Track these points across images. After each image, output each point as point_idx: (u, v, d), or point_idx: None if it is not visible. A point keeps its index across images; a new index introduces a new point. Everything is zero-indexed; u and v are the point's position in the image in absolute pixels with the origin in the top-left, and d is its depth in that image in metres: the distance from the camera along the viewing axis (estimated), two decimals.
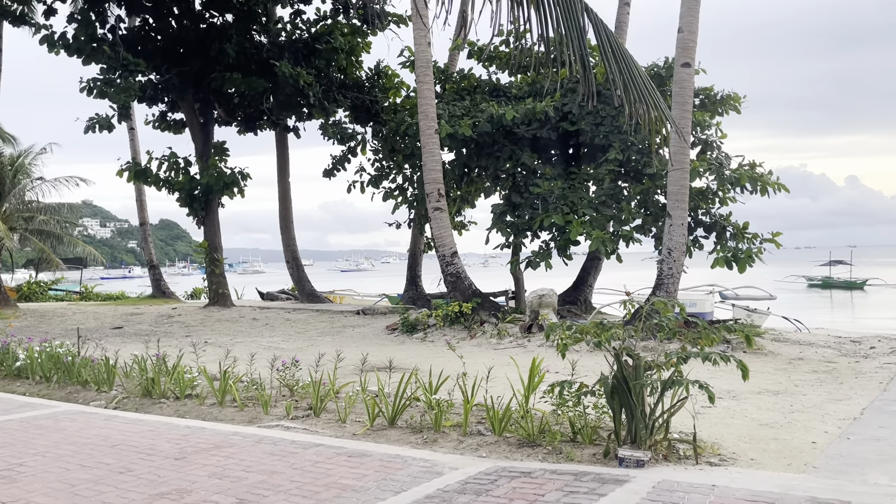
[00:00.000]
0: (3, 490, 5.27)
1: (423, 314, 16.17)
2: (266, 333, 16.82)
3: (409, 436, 6.80)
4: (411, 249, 23.51)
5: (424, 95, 16.81)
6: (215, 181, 21.72)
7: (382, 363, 10.37)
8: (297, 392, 8.60)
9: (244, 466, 5.80)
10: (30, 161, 40.88)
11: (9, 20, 21.32)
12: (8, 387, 9.95)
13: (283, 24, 23.40)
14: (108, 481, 5.45)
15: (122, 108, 21.76)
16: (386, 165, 21.63)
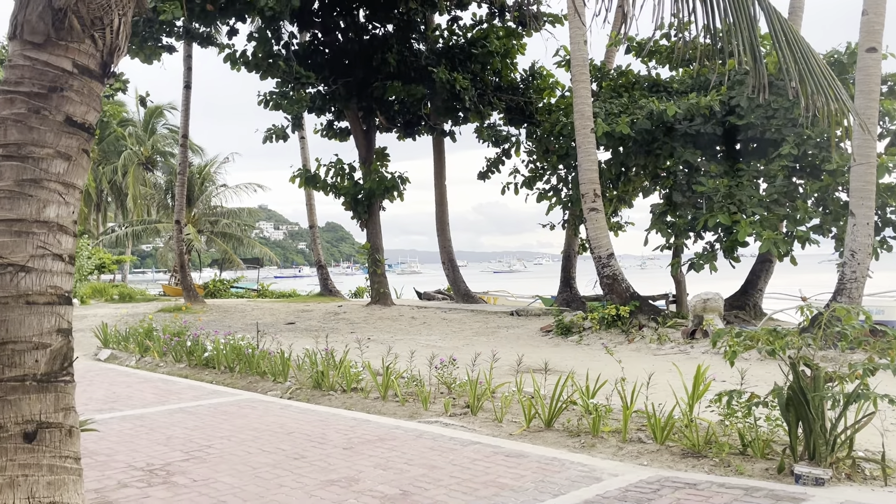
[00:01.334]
0: (196, 468, 5.84)
1: (579, 316, 15.94)
2: (424, 332, 17.34)
3: (566, 439, 6.74)
4: (565, 251, 23.26)
5: (580, 94, 16.58)
6: (377, 185, 22.70)
7: (537, 365, 10.35)
8: (455, 390, 8.82)
9: (406, 459, 6.03)
10: (215, 170, 45.04)
11: (197, 41, 23.59)
12: (197, 375, 11.01)
13: (441, 31, 24.01)
14: (284, 466, 5.89)
15: (294, 119, 23.35)
16: (540, 166, 21.55)
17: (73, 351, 3.42)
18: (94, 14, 3.43)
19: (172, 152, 44.83)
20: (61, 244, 3.36)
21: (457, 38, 23.38)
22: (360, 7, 22.71)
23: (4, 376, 3.17)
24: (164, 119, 48.28)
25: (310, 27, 23.35)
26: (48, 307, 3.29)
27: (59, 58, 3.40)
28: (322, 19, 22.70)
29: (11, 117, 3.34)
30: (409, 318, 19.93)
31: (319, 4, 22.48)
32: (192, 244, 37.73)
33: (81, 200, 3.68)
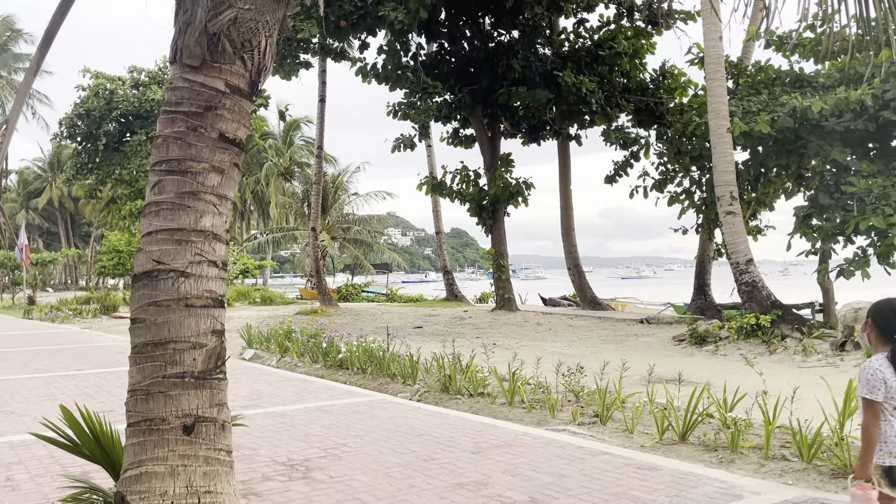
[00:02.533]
0: (332, 465, 6.10)
1: (714, 325, 15.22)
2: (549, 338, 17.18)
3: (702, 453, 6.46)
4: (699, 256, 22.29)
5: (715, 92, 15.86)
6: (502, 191, 22.78)
7: (670, 375, 9.99)
8: (583, 398, 8.68)
9: (534, 466, 6.00)
10: (347, 179, 46.98)
11: (331, 57, 24.71)
12: (332, 375, 11.49)
13: (567, 34, 23.78)
14: (415, 467, 6.03)
15: (422, 128, 23.90)
16: (671, 169, 20.78)
17: (226, 351, 3.69)
18: (243, 37, 3.70)
19: (308, 163, 47.21)
20: (216, 251, 3.64)
21: (583, 41, 23.06)
22: (485, 15, 22.93)
23: (167, 373, 3.47)
24: (301, 132, 50.98)
25: (436, 37, 23.84)
26: (204, 310, 3.57)
27: (213, 79, 3.68)
28: (448, 29, 23.12)
29: (172, 135, 3.66)
30: (535, 324, 19.82)
31: (446, 15, 22.91)
32: (327, 250, 39.46)
33: (232, 210, 3.97)
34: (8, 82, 49.90)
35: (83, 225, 70.95)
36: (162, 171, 3.63)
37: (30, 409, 8.74)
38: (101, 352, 15.55)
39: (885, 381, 3.60)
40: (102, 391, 10.06)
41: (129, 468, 3.47)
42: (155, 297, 3.51)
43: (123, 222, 35.79)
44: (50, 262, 60.76)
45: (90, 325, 24.49)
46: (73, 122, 33.26)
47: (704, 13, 16.35)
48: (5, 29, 50.30)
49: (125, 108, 32.68)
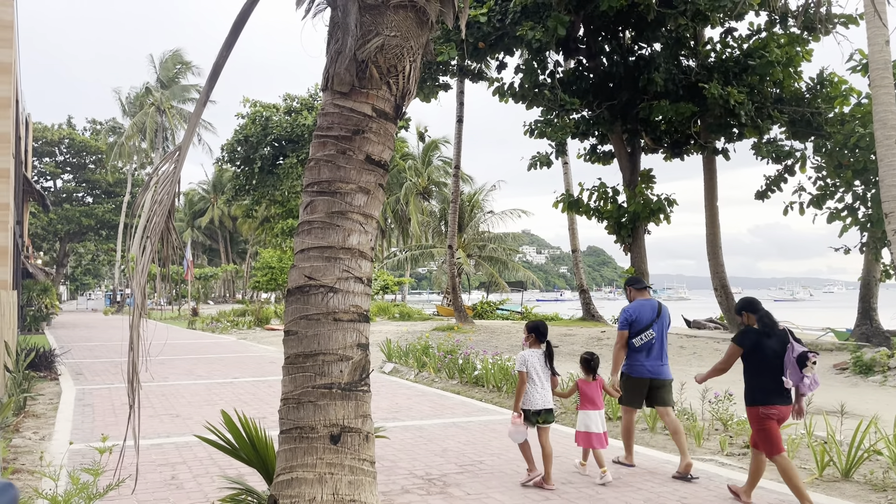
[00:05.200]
0: (469, 482, 6.13)
1: (883, 354, 13.88)
2: (694, 362, 16.39)
3: (868, 493, 5.90)
4: (864, 278, 20.46)
5: (881, 101, 14.58)
6: (642, 208, 22.10)
7: (830, 406, 9.22)
8: (731, 427, 8.20)
9: (678, 497, 5.73)
10: (482, 197, 47.50)
11: (469, 77, 25.17)
12: (468, 392, 11.57)
13: (713, 44, 22.81)
14: (553, 491, 5.93)
15: (558, 145, 23.73)
16: (831, 183, 19.33)
17: (370, 364, 3.82)
18: (389, 63, 3.85)
19: (445, 182, 48.23)
20: (361, 268, 3.80)
21: (731, 51, 22.00)
22: (625, 29, 22.48)
23: (316, 384, 3.65)
24: (439, 151, 52.21)
25: (574, 54, 23.64)
26: (350, 324, 3.72)
27: (361, 104, 3.87)
28: (587, 45, 22.87)
29: (324, 158, 3.87)
30: (678, 347, 18.98)
31: (584, 30, 22.69)
32: (462, 267, 40.01)
33: (376, 228, 4.12)
34: (178, 112, 54.91)
35: (240, 242, 76.46)
36: (314, 192, 3.84)
37: (192, 412, 9.47)
38: (254, 361, 16.61)
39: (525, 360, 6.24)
40: (256, 398, 10.72)
41: (282, 473, 3.66)
42: (306, 311, 3.71)
43: (276, 240, 38.18)
44: (211, 276, 65.93)
45: (245, 336, 26.25)
46: (233, 147, 36.02)
47: (868, 16, 15.13)
48: (175, 62, 55.44)
49: (278, 133, 34.98)
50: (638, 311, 6.84)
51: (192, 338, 25.71)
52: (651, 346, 6.78)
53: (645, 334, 6.75)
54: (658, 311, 6.87)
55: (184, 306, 48.46)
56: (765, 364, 5.49)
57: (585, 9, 20.62)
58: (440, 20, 4.15)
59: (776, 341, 5.49)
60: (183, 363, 15.95)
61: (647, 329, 6.75)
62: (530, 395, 6.12)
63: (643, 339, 6.75)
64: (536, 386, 6.12)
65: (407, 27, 3.85)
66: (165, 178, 3.76)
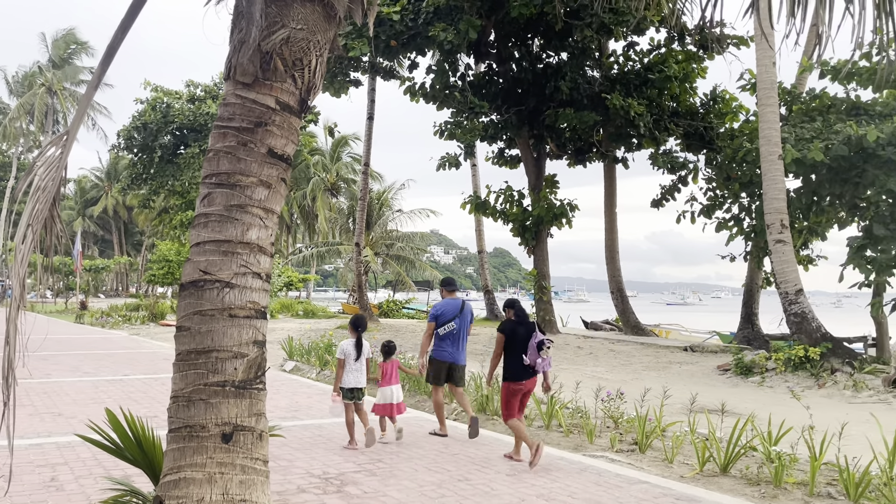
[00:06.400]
0: (367, 481, 6.12)
1: (761, 356, 14.84)
2: (590, 362, 16.97)
3: (744, 487, 6.29)
4: (747, 284, 21.80)
5: (767, 119, 15.59)
6: (545, 212, 22.70)
7: (712, 405, 9.77)
8: (622, 425, 8.54)
9: (569, 492, 5.92)
10: (391, 195, 47.41)
11: (381, 75, 25.08)
12: (370, 390, 11.50)
13: (616, 57, 23.70)
14: (449, 486, 6.00)
15: (467, 147, 24.03)
16: (720, 194, 20.47)
17: (266, 361, 3.75)
18: (295, 56, 3.80)
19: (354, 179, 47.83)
20: (260, 263, 3.72)
21: (633, 64, 22.95)
22: (534, 37, 23.02)
23: (208, 381, 3.55)
24: (349, 148, 51.72)
25: (485, 58, 24.01)
26: (247, 320, 3.64)
27: (264, 96, 3.79)
28: (497, 50, 23.26)
29: (223, 150, 3.76)
30: (575, 348, 19.60)
31: (495, 36, 23.07)
32: (369, 265, 39.79)
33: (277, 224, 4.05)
34: (70, 94, 51.88)
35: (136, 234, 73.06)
36: (212, 184, 3.73)
37: (77, 411, 8.99)
38: (147, 358, 15.92)
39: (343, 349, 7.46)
40: (147, 396, 10.29)
41: (169, 473, 3.54)
42: (200, 307, 3.60)
43: (174, 232, 36.73)
44: (103, 268, 62.63)
45: (138, 332, 25.12)
46: (131, 133, 34.38)
47: (757, 38, 16.15)
48: (69, 42, 52.36)
49: (181, 121, 33.66)
50: (444, 308, 8.15)
51: (79, 333, 24.36)
52: (453, 336, 8.08)
53: (448, 326, 8.06)
54: (461, 309, 8.17)
55: (72, 299, 45.82)
56: (517, 349, 6.83)
57: (497, 14, 20.98)
58: (349, 16, 4.12)
59: (526, 330, 6.89)
60: (68, 359, 15.09)
61: (450, 322, 8.07)
62: (346, 376, 7.41)
63: (447, 329, 8.05)
64: (351, 369, 7.42)
65: (314, 21, 3.80)
66: (51, 163, 3.55)
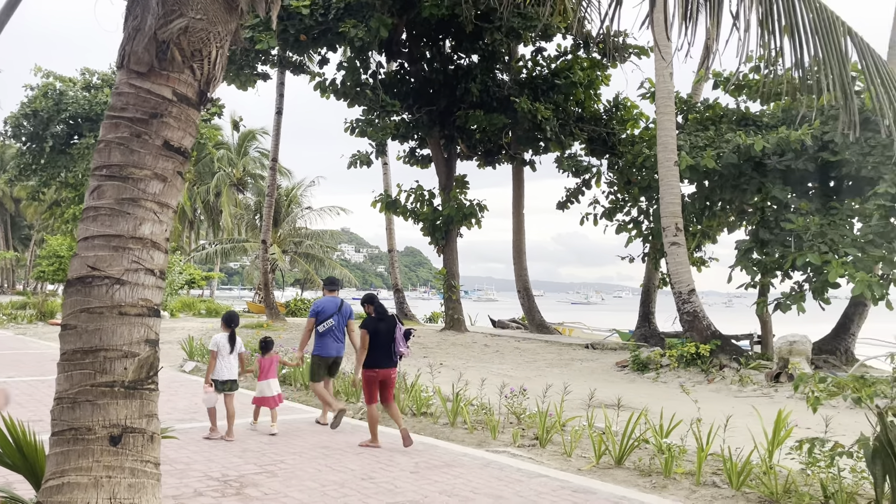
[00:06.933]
0: (267, 482, 6.01)
1: (656, 353, 15.53)
2: (496, 360, 17.27)
3: (637, 478, 6.58)
4: (645, 285, 22.76)
5: (664, 126, 16.33)
6: (455, 212, 22.92)
7: (610, 400, 10.15)
8: (524, 421, 8.75)
9: (472, 487, 6.01)
10: (301, 192, 46.60)
11: (290, 70, 24.62)
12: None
13: (525, 61, 24.20)
14: (351, 485, 5.98)
15: (379, 145, 23.93)
16: (621, 198, 21.28)
17: (159, 361, 3.63)
18: (194, 46, 3.69)
19: (262, 175, 46.71)
20: (154, 260, 3.59)
21: (540, 69, 23.50)
22: (445, 38, 23.19)
23: (96, 381, 3.40)
24: (257, 142, 50.44)
25: (396, 57, 23.99)
26: (139, 318, 3.51)
27: (160, 86, 3.66)
28: (409, 49, 23.30)
29: (115, 140, 3.61)
30: (482, 346, 19.90)
31: (407, 35, 23.09)
32: (277, 263, 38.97)
33: (175, 219, 3.92)
34: None
35: (24, 227, 68.60)
36: (102, 177, 3.57)
37: None
38: (34, 359, 15.01)
39: (216, 342, 7.87)
40: (33, 399, 9.71)
41: (51, 478, 3.36)
42: (88, 304, 3.44)
43: (66, 226, 34.74)
44: None
45: (25, 331, 23.62)
46: (19, 121, 32.25)
47: (656, 50, 16.87)
48: None
49: (74, 110, 31.85)
50: (324, 305, 8.69)
51: None
52: (332, 333, 8.60)
53: (327, 323, 8.57)
54: (339, 307, 8.69)
55: None
56: (379, 340, 7.44)
57: (408, 14, 21.00)
58: (252, 8, 4.04)
59: (387, 324, 7.55)
60: None
61: (329, 319, 8.57)
62: (218, 369, 7.77)
63: (325, 326, 8.57)
64: (223, 362, 7.79)
65: (214, 11, 3.71)
66: None
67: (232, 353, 7.85)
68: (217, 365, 7.78)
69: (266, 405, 8.12)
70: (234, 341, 7.89)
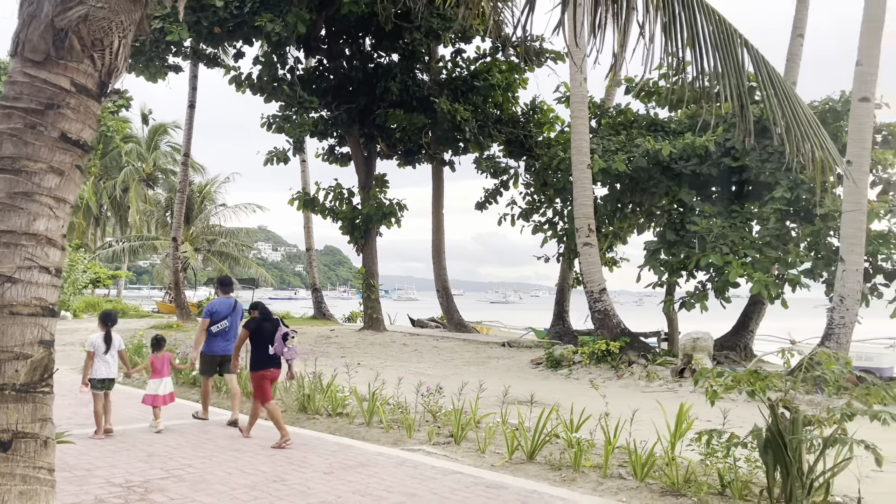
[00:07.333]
0: (174, 487, 5.83)
1: (569, 350, 15.95)
2: (414, 359, 17.32)
3: (548, 472, 6.74)
4: (559, 284, 23.32)
5: (578, 130, 16.78)
6: (375, 211, 22.83)
7: (524, 397, 10.34)
8: (440, 419, 8.81)
9: (385, 486, 6.02)
10: (215, 189, 45.26)
11: (203, 62, 23.89)
12: (184, 393, 10.96)
13: (445, 62, 24.34)
14: (262, 488, 5.88)
15: (296, 142, 23.53)
16: (537, 199, 21.72)
17: (54, 363, 3.47)
18: (94, 35, 3.54)
19: (174, 170, 45.12)
20: (49, 257, 3.43)
21: (460, 70, 23.69)
22: (365, 36, 23.05)
23: None
24: (169, 137, 48.66)
25: (315, 53, 23.68)
26: (32, 318, 3.34)
27: (57, 76, 3.49)
28: (328, 46, 23.03)
29: (7, 131, 3.42)
30: (401, 345, 19.91)
31: (326, 31, 22.82)
32: (189, 262, 37.74)
33: (75, 214, 3.75)
34: None
35: None
36: None
37: None
38: None
39: (92, 343, 8.01)
40: None
41: None
42: None
43: None
44: None
45: None
46: None
47: (569, 56, 17.32)
48: None
49: None
50: (218, 306, 8.91)
51: None
52: (224, 333, 8.79)
53: (221, 324, 8.77)
54: (233, 308, 8.93)
55: None
56: (263, 342, 7.73)
57: (327, 10, 20.76)
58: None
59: (272, 326, 7.84)
60: None
61: (223, 320, 8.78)
62: (96, 368, 7.90)
63: (219, 327, 8.77)
64: (100, 362, 7.93)
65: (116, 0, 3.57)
66: None
67: (108, 352, 7.97)
68: (95, 364, 7.90)
69: (155, 404, 8.22)
70: (111, 340, 8.01)
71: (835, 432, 5.28)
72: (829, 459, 5.42)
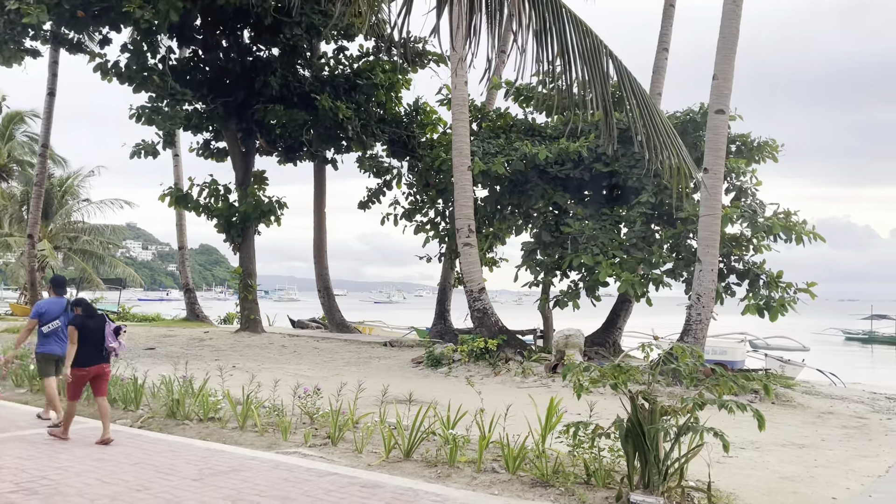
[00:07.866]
0: (24, 501, 5.42)
1: (449, 349, 16.18)
2: (293, 361, 16.99)
3: (424, 469, 6.82)
4: (441, 283, 23.59)
5: (459, 132, 17.07)
6: (253, 209, 22.19)
7: (404, 396, 10.40)
8: (317, 420, 8.70)
9: (258, 491, 5.88)
10: (78, 183, 42.34)
11: (66, 48, 22.31)
12: (39, 402, 10.20)
13: (327, 59, 24.02)
14: (124, 498, 5.58)
15: (167, 135, 22.47)
16: (420, 199, 21.88)
17: None
18: None
19: (32, 162, 41.79)
20: None
21: (342, 68, 23.46)
22: (244, 28, 22.36)
23: None
24: (26, 126, 44.97)
25: (190, 43, 22.70)
26: None
27: None
28: (203, 36, 22.14)
29: None
30: (279, 347, 19.47)
31: (202, 21, 21.93)
32: (47, 261, 35.16)
33: None
34: None
35: None
36: None
37: None
38: None
39: None
40: None
41: None
42: None
43: None
44: None
45: None
46: None
47: (452, 58, 17.59)
48: None
49: None
50: (48, 307, 8.94)
51: None
52: (57, 333, 8.80)
53: (52, 324, 8.80)
54: (65, 308, 8.87)
55: None
56: (87, 339, 7.73)
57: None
58: None
59: (96, 323, 7.87)
60: None
61: (54, 320, 8.80)
62: None
63: (50, 327, 8.80)
64: None
65: None
66: None
67: None
68: None
69: None
70: None
71: (688, 421, 5.68)
72: (685, 447, 5.81)
